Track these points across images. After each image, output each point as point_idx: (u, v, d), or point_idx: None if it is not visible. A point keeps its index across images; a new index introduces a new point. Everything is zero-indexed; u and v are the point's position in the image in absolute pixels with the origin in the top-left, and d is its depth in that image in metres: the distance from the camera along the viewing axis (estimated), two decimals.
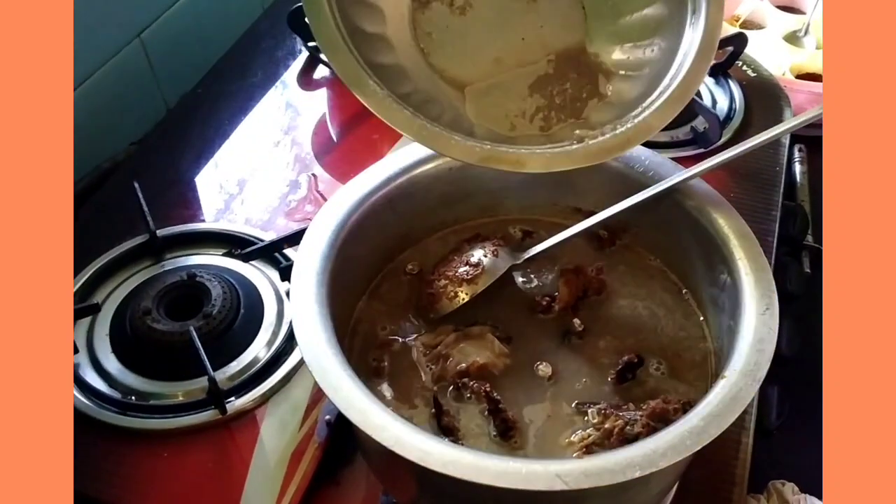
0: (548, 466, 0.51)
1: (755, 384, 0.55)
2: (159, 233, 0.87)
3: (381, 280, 0.73)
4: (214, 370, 0.75)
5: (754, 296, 0.61)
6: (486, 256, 0.71)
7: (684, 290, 0.72)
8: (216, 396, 0.72)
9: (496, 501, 0.57)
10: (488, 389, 0.64)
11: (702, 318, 0.70)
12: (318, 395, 0.74)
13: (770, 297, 0.61)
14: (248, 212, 0.93)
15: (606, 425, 0.62)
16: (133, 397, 0.75)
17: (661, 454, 0.51)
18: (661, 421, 0.60)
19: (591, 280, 0.71)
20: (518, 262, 0.72)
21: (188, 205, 0.94)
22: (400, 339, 0.69)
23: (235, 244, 0.88)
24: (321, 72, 1.13)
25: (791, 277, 0.94)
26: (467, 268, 0.70)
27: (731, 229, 0.65)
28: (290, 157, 1.00)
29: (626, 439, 0.60)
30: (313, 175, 0.97)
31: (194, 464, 0.71)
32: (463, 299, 0.69)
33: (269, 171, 0.98)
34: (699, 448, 0.52)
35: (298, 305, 0.60)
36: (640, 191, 0.69)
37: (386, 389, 0.66)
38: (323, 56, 1.11)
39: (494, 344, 0.68)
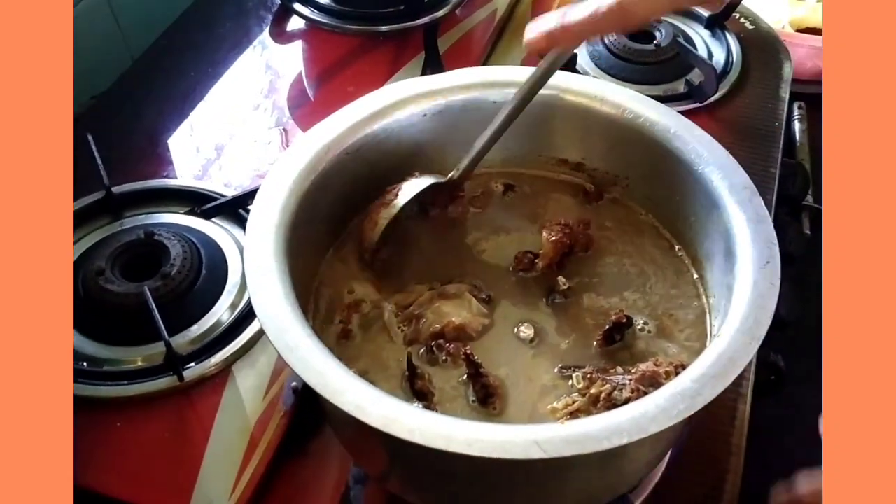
0: (525, 433, 0.46)
1: (754, 343, 0.50)
2: (117, 190, 0.81)
3: (348, 236, 0.68)
4: (173, 334, 0.70)
5: (754, 249, 0.56)
6: (405, 181, 0.65)
7: (677, 247, 0.67)
8: (173, 362, 0.67)
9: (472, 471, 0.52)
10: (468, 352, 0.59)
11: (696, 276, 0.64)
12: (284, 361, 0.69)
13: (771, 250, 0.55)
14: (226, 176, 0.87)
15: (592, 390, 0.57)
16: (85, 363, 0.70)
17: (651, 419, 0.46)
18: (651, 385, 0.55)
19: (577, 235, 0.66)
20: (442, 181, 0.66)
21: (151, 161, 0.88)
22: (370, 299, 0.64)
23: (199, 202, 0.82)
24: (295, 23, 1.07)
25: (791, 238, 0.90)
26: (385, 195, 0.64)
27: (728, 178, 0.60)
28: (269, 117, 0.94)
29: (615, 405, 0.55)
30: (284, 130, 0.91)
31: (150, 434, 0.66)
32: (383, 224, 0.63)
33: (245, 132, 0.92)
34: (693, 413, 0.47)
35: (252, 258, 0.54)
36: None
37: (354, 353, 0.61)
38: (296, 6, 1.05)
39: (472, 303, 0.63)
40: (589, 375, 0.58)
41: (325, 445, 0.67)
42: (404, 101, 0.66)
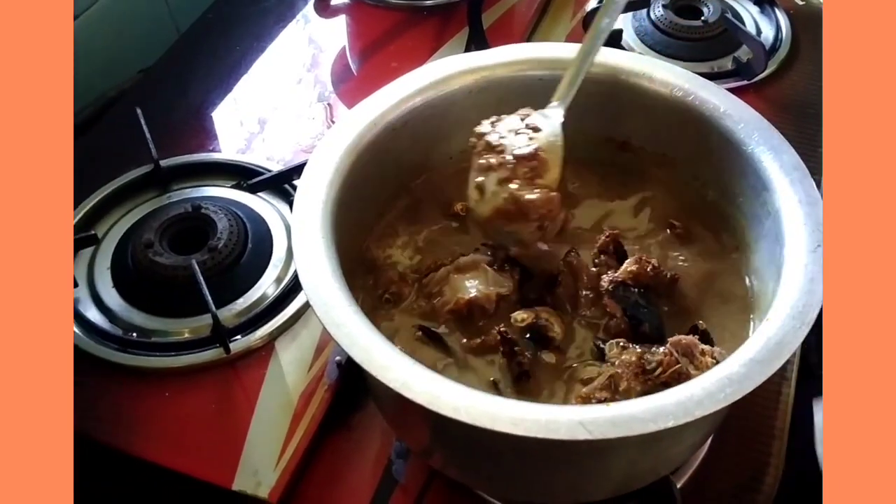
0: (571, 414, 0.46)
1: (804, 328, 0.50)
2: (165, 163, 0.82)
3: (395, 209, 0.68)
4: (220, 306, 0.71)
5: (804, 231, 0.55)
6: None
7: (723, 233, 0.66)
8: (220, 334, 0.68)
9: (514, 450, 0.52)
10: (503, 330, 0.58)
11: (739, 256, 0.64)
12: (328, 335, 0.70)
13: (822, 233, 0.54)
14: (269, 150, 0.87)
15: (624, 357, 0.55)
16: (134, 334, 0.71)
17: (697, 402, 0.46)
18: (685, 355, 0.54)
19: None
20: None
21: (197, 134, 0.89)
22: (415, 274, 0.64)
23: (245, 176, 0.83)
24: None
25: None
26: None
27: (778, 158, 0.59)
28: (312, 91, 0.94)
29: (645, 370, 0.54)
30: (328, 105, 0.92)
31: (196, 404, 0.67)
32: None
33: (289, 106, 0.92)
34: (739, 397, 0.47)
35: (300, 235, 0.55)
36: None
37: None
38: None
39: (489, 274, 0.61)
40: (622, 343, 0.57)
41: (369, 420, 0.67)
42: (449, 77, 0.66)
